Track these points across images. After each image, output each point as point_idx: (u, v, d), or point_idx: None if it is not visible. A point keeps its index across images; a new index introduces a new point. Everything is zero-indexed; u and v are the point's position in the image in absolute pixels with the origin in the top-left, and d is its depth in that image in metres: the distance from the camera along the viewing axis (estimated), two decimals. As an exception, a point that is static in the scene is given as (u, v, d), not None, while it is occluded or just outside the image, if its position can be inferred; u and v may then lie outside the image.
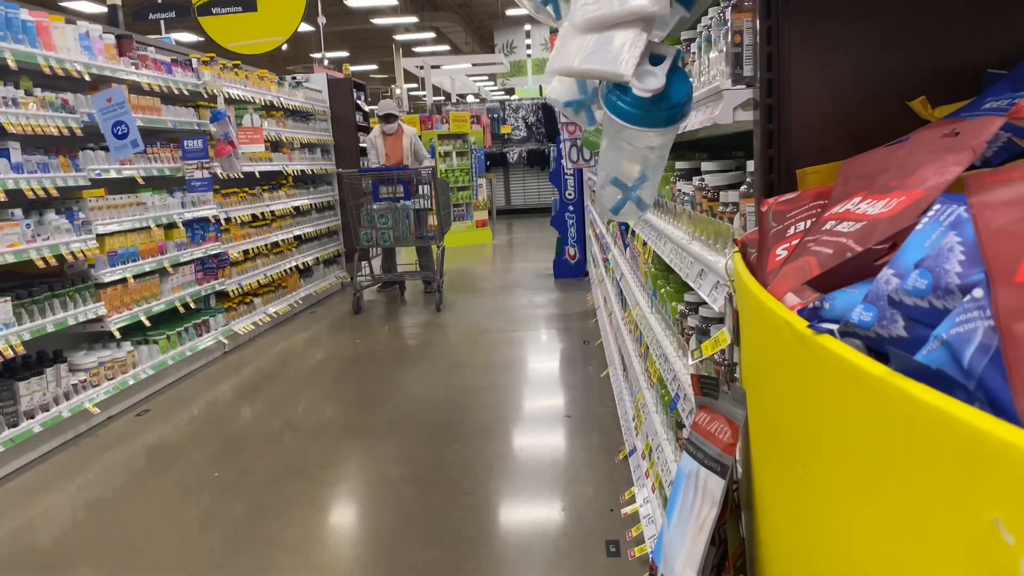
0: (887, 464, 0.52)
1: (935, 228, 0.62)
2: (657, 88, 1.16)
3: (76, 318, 4.54)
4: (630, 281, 3.39)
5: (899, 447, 0.51)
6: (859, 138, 1.16)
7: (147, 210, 5.39)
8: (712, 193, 1.60)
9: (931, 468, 0.47)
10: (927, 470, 0.48)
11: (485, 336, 6.59)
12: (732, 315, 1.14)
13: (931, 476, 0.47)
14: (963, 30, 1.17)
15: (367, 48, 27.67)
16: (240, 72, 7.07)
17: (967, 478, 0.44)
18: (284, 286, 7.74)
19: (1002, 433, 0.41)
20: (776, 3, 1.13)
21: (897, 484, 0.51)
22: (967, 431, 0.43)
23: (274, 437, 4.44)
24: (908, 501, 0.50)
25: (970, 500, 0.43)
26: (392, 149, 8.33)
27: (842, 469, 0.62)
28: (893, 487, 0.52)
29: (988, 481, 0.42)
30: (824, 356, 0.62)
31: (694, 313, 1.81)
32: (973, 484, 0.43)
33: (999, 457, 0.41)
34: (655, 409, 2.61)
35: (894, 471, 0.52)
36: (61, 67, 4.53)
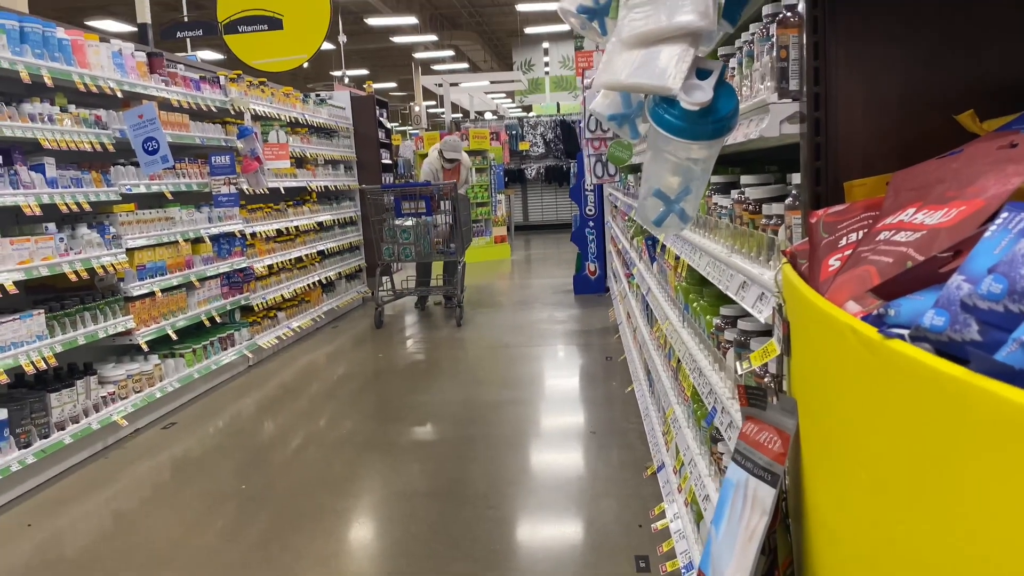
0: (969, 467, 0.53)
1: (1005, 235, 0.63)
2: (705, 101, 1.18)
3: (106, 331, 4.60)
4: (658, 296, 3.40)
5: (982, 449, 0.52)
6: (905, 151, 1.17)
7: (175, 225, 5.46)
8: (753, 206, 1.62)
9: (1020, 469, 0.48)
10: (1016, 471, 0.48)
11: (506, 351, 6.60)
12: (782, 325, 1.15)
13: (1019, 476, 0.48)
14: (1008, 44, 1.18)
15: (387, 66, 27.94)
16: (266, 89, 7.17)
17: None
18: (307, 300, 7.80)
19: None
20: (823, 19, 1.15)
21: (982, 489, 0.52)
22: (1059, 428, 0.44)
23: (298, 450, 4.47)
24: (991, 502, 0.51)
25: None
26: (449, 179, 8.69)
27: (914, 473, 0.62)
28: (973, 490, 0.53)
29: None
30: (896, 360, 0.63)
31: (731, 327, 1.82)
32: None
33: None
34: (687, 424, 2.62)
35: (977, 474, 0.53)
36: (95, 84, 4.62)
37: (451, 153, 8.68)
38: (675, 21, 1.19)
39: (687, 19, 1.19)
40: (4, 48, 3.96)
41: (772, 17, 1.44)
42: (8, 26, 4.03)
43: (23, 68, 4.04)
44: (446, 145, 8.74)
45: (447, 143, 8.76)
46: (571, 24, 1.40)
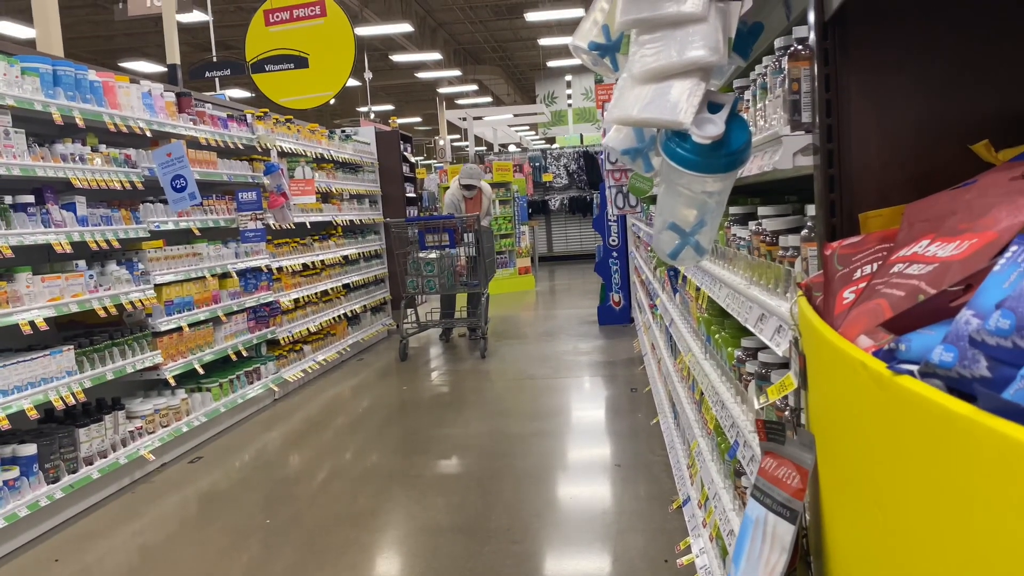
0: (976, 507, 0.52)
1: (1014, 269, 0.62)
2: (717, 135, 1.19)
3: (134, 366, 4.66)
4: (681, 327, 3.38)
5: (990, 488, 0.51)
6: (920, 182, 1.16)
7: (202, 260, 5.54)
8: (771, 237, 1.61)
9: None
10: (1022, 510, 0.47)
11: (531, 383, 6.58)
12: (798, 359, 1.14)
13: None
14: (1021, 75, 1.17)
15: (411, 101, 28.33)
16: (292, 126, 7.29)
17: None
18: (333, 334, 7.84)
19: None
20: (834, 52, 1.15)
21: (990, 528, 0.51)
22: (1065, 468, 0.43)
23: (323, 484, 4.47)
24: (999, 542, 0.50)
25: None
26: (472, 210, 8.76)
27: (925, 512, 0.61)
28: (982, 529, 0.52)
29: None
30: (905, 397, 0.62)
31: (752, 359, 1.81)
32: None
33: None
34: (711, 457, 2.58)
35: (984, 514, 0.52)
36: (125, 124, 4.73)
37: (468, 180, 8.74)
38: (686, 56, 1.20)
39: (697, 54, 1.20)
40: (38, 91, 4.07)
41: (784, 50, 1.44)
42: (42, 70, 4.15)
43: (56, 110, 4.15)
44: (464, 173, 8.84)
45: (464, 170, 8.87)
46: (583, 60, 1.42)
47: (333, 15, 8.79)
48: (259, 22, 8.91)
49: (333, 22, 8.78)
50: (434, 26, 20.05)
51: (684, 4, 1.19)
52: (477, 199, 8.84)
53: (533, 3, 17.53)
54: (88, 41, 18.04)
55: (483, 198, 8.88)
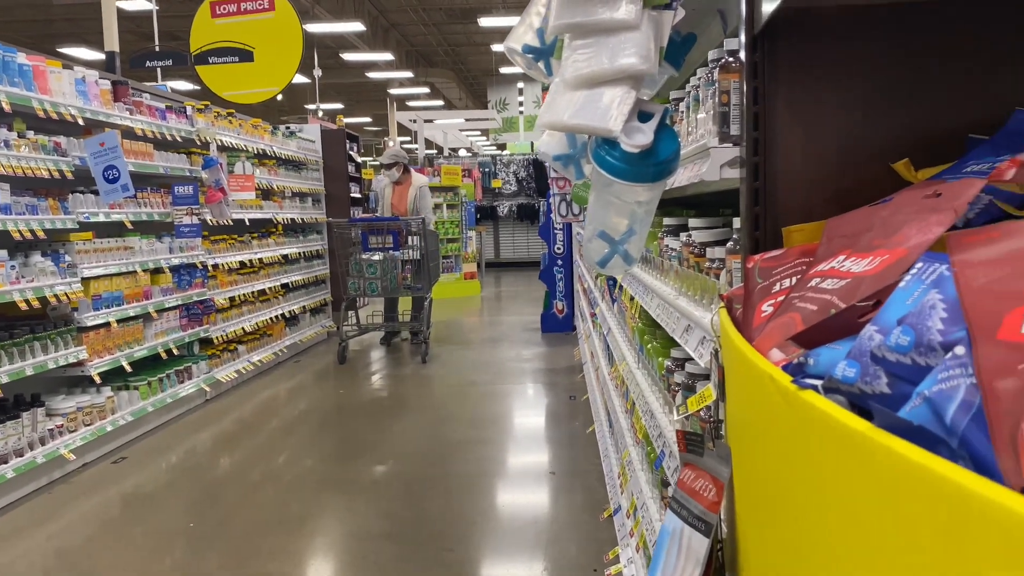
0: (872, 521, 0.52)
1: (918, 286, 0.62)
2: (645, 144, 1.18)
3: (56, 361, 4.49)
4: (617, 336, 3.39)
5: (883, 504, 0.50)
6: (844, 198, 1.17)
7: (134, 255, 5.37)
8: (699, 249, 1.62)
9: (916, 526, 0.46)
10: (912, 528, 0.47)
11: (471, 389, 6.55)
12: (718, 371, 1.14)
13: (916, 534, 0.46)
14: (946, 96, 1.19)
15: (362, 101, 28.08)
16: (234, 120, 7.13)
17: (952, 537, 0.43)
18: (269, 334, 7.69)
19: (985, 491, 0.40)
20: (763, 66, 1.15)
21: (882, 542, 0.50)
22: (950, 489, 0.43)
23: (253, 488, 4.36)
24: (894, 559, 0.49)
25: (956, 559, 0.42)
26: (399, 200, 8.20)
27: (827, 526, 0.61)
28: (878, 545, 0.51)
29: (973, 540, 0.42)
30: (808, 411, 0.62)
31: (680, 369, 1.81)
32: (958, 543, 0.43)
33: (983, 516, 0.40)
34: (641, 467, 2.59)
35: (879, 528, 0.51)
36: (55, 111, 4.56)
37: (388, 158, 8.14)
38: (617, 64, 1.19)
39: (629, 62, 1.19)
40: (-38, 72, 3.90)
41: (716, 62, 1.45)
42: (-33, 50, 3.97)
43: (-19, 93, 3.98)
44: (385, 153, 8.31)
45: (387, 151, 8.29)
46: (517, 63, 1.40)
47: (282, 10, 8.64)
48: (205, 13, 8.70)
49: (282, 17, 8.63)
50: (387, 26, 19.91)
51: (617, 11, 1.18)
52: (405, 188, 8.19)
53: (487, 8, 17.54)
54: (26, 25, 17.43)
55: (411, 188, 8.17)
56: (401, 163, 8.17)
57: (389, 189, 8.26)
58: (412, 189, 8.18)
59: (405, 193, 8.19)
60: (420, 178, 8.39)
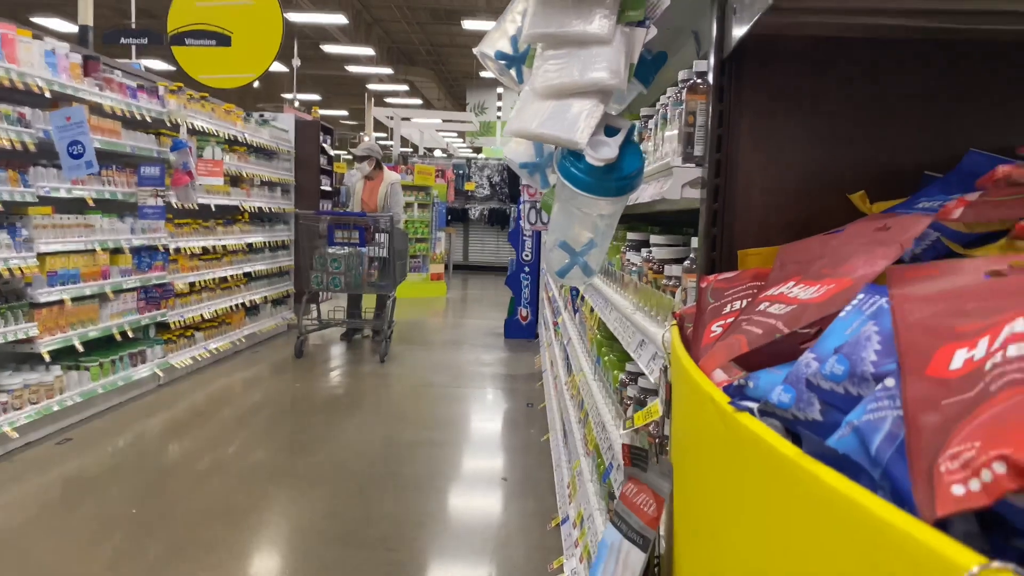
0: (795, 544, 0.52)
1: (857, 316, 0.63)
2: (610, 158, 1.19)
3: (5, 336, 4.38)
4: (577, 346, 3.40)
5: (807, 528, 0.51)
6: (800, 225, 1.19)
7: (94, 233, 5.27)
8: (658, 266, 1.63)
9: (835, 552, 0.47)
10: (831, 553, 0.48)
11: (429, 390, 6.52)
12: (666, 387, 1.15)
13: (835, 559, 0.47)
14: (905, 132, 1.22)
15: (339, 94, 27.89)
16: (207, 104, 7.04)
17: (868, 564, 0.44)
18: (228, 323, 7.59)
19: (900, 523, 0.41)
20: (729, 89, 1.17)
21: (805, 565, 0.51)
22: (867, 518, 0.43)
23: (200, 477, 4.29)
24: None
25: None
26: (370, 196, 8.10)
27: (755, 546, 0.61)
28: (801, 567, 0.52)
29: (887, 569, 0.42)
30: (742, 433, 0.62)
31: (634, 383, 1.82)
32: (873, 571, 0.43)
33: (897, 546, 0.41)
34: (590, 478, 2.60)
35: (802, 551, 0.52)
36: (22, 81, 4.47)
37: (362, 151, 8.04)
38: (587, 77, 1.20)
39: (599, 76, 1.20)
40: (-74, 34, 3.81)
41: (685, 82, 1.46)
42: (-66, 12, 3.88)
43: (-55, 57, 3.89)
44: (360, 146, 8.17)
45: (363, 144, 8.21)
46: (489, 68, 1.40)
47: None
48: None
49: (263, 4, 8.55)
50: (370, 21, 19.82)
51: (591, 24, 1.19)
52: (377, 184, 8.08)
53: (471, 11, 17.54)
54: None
55: (383, 184, 8.06)
56: (374, 158, 8.08)
57: (360, 184, 8.17)
58: (384, 185, 8.09)
59: (376, 189, 8.11)
60: (392, 175, 8.30)
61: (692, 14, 1.59)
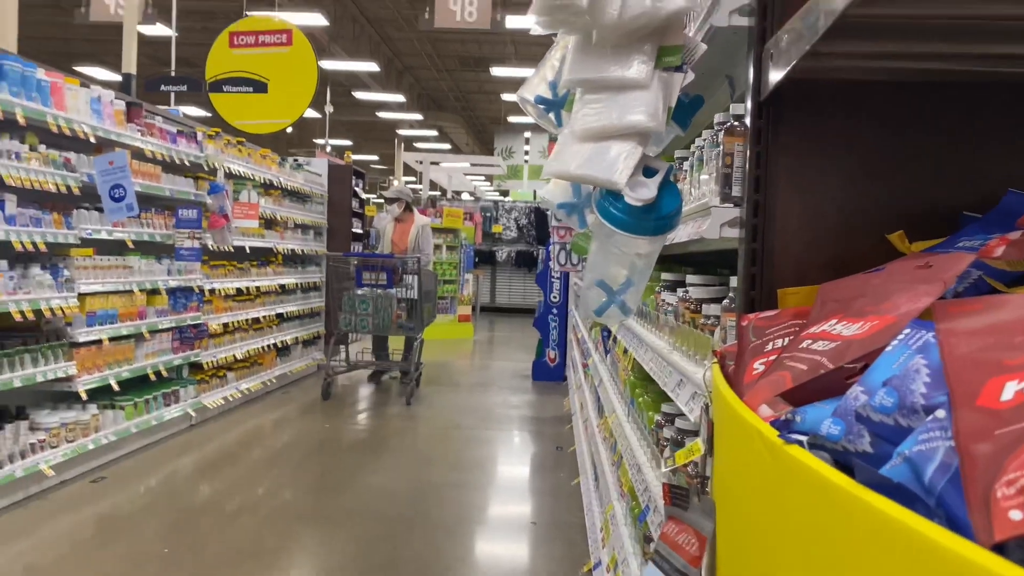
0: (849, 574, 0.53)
1: (904, 351, 0.64)
2: (648, 198, 1.21)
3: (45, 375, 4.47)
4: (608, 388, 3.40)
5: (862, 558, 0.51)
6: (838, 264, 1.20)
7: (132, 274, 5.39)
8: (695, 305, 1.65)
9: None
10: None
11: (457, 432, 6.51)
12: (707, 425, 1.15)
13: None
14: (943, 173, 1.23)
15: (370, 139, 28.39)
16: (243, 149, 7.22)
17: (924, 593, 0.45)
18: (260, 363, 7.66)
19: (959, 548, 0.42)
20: (767, 132, 1.19)
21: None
22: (927, 544, 0.44)
23: (230, 517, 4.31)
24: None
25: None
26: (400, 238, 8.21)
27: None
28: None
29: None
30: (792, 465, 0.63)
31: (670, 424, 1.82)
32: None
33: (956, 571, 0.42)
34: (624, 521, 2.58)
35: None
36: (68, 127, 4.62)
37: (391, 193, 8.21)
38: (625, 120, 1.23)
39: (637, 119, 1.23)
40: (-20, 83, 3.96)
41: (721, 125, 1.49)
42: (-12, 62, 4.04)
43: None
44: (390, 189, 8.37)
45: (392, 187, 8.42)
46: (529, 112, 1.44)
47: (299, 45, 8.81)
48: (223, 43, 8.88)
49: (298, 52, 8.79)
50: (401, 69, 20.24)
51: (629, 70, 1.23)
52: (407, 226, 8.20)
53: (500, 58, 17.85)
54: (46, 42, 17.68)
55: (413, 227, 8.19)
56: (404, 201, 8.22)
57: (391, 227, 8.29)
58: (414, 228, 8.20)
59: (407, 232, 8.22)
60: (422, 218, 8.45)
61: (726, 59, 1.63)
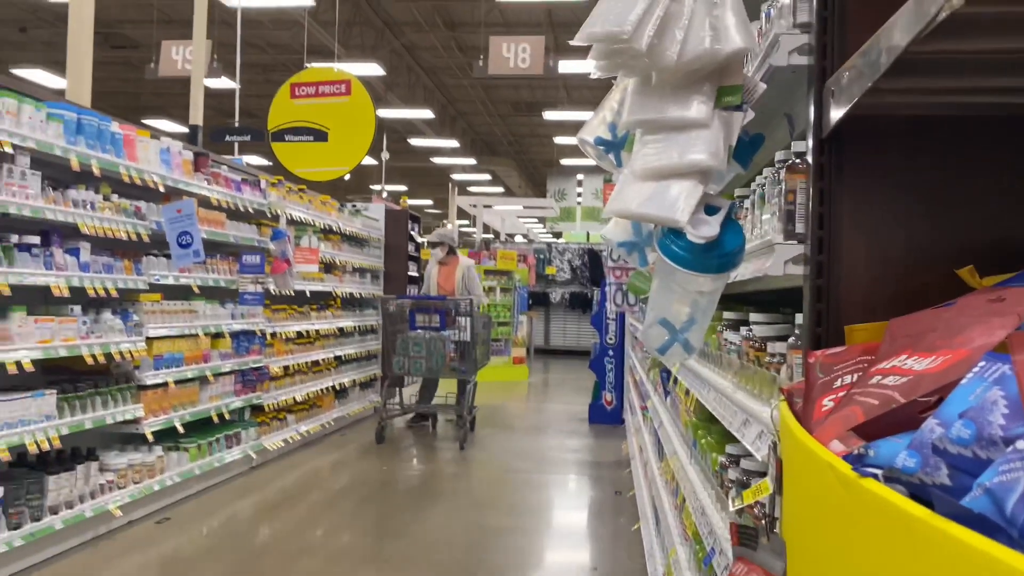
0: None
1: (980, 383, 0.64)
2: (711, 236, 1.22)
3: (114, 417, 4.60)
4: (669, 430, 3.36)
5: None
6: (906, 300, 1.18)
7: (197, 318, 5.54)
8: (759, 344, 1.63)
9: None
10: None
11: (513, 477, 6.47)
12: (775, 464, 1.14)
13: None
14: (1011, 206, 1.21)
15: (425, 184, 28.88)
16: (304, 196, 7.42)
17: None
18: (319, 405, 7.77)
19: (1048, 578, 0.42)
20: (829, 168, 1.19)
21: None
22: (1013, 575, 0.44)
23: (291, 558, 4.35)
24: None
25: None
26: (445, 280, 8.31)
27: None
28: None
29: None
30: (868, 499, 0.63)
31: (735, 465, 1.80)
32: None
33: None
34: (687, 566, 2.53)
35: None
36: (140, 177, 4.82)
37: (435, 237, 8.32)
38: (686, 159, 1.25)
39: (698, 158, 1.24)
40: (60, 137, 4.17)
41: (783, 162, 1.49)
42: (67, 117, 4.26)
43: (75, 157, 4.25)
44: (434, 233, 8.49)
45: (436, 231, 8.54)
46: (588, 153, 1.47)
47: (357, 95, 9.08)
48: (285, 94, 9.19)
49: (357, 101, 9.05)
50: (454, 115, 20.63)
51: (689, 110, 1.25)
52: (452, 269, 8.31)
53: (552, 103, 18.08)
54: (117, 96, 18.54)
55: (458, 268, 8.31)
56: (447, 244, 8.33)
57: (435, 269, 8.39)
58: (459, 270, 8.30)
59: (452, 274, 8.31)
60: (466, 260, 8.58)
61: (785, 97, 1.63)
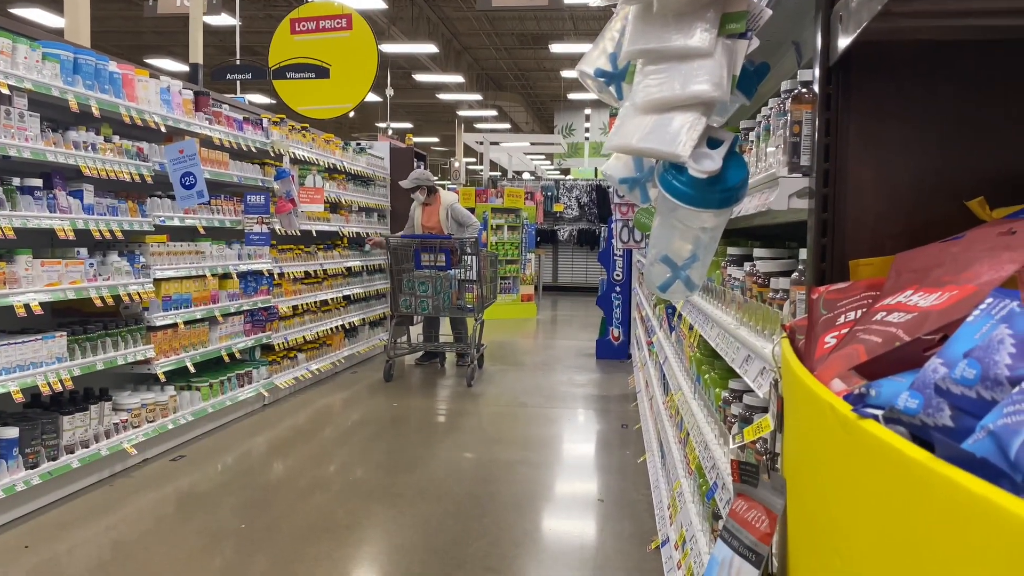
0: (930, 553, 0.51)
1: (986, 321, 0.61)
2: (713, 170, 1.18)
3: (125, 358, 4.65)
4: (674, 365, 3.36)
5: (942, 535, 0.50)
6: (914, 234, 1.15)
7: (204, 259, 5.54)
8: (763, 279, 1.61)
9: (977, 559, 0.46)
10: (973, 561, 0.46)
11: (522, 411, 6.54)
12: (777, 401, 1.13)
13: (977, 567, 0.46)
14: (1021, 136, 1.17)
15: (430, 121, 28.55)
16: (307, 135, 7.33)
17: (1013, 569, 0.43)
18: (328, 344, 7.82)
19: (1049, 525, 0.40)
20: (836, 97, 1.15)
21: (940, 571, 0.49)
22: (1013, 521, 0.42)
23: (303, 493, 4.43)
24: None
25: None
26: (428, 219, 8.15)
27: (883, 557, 0.60)
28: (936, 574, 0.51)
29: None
30: (867, 440, 0.61)
31: (738, 400, 1.79)
32: None
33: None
34: (692, 498, 2.56)
35: (938, 560, 0.50)
36: (140, 117, 4.76)
37: (410, 182, 8.00)
38: (688, 90, 1.20)
39: (700, 88, 1.20)
40: (57, 77, 4.11)
41: (788, 92, 1.44)
42: (63, 57, 4.19)
43: (72, 98, 4.19)
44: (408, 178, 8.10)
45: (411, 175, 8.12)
46: (588, 86, 1.42)
47: (359, 29, 8.89)
48: (285, 30, 9.01)
49: (358, 36, 8.87)
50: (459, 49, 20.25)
51: (691, 38, 1.20)
52: (435, 208, 8.12)
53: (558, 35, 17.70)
54: (117, 35, 18.25)
55: (441, 207, 8.08)
56: (424, 186, 8.04)
57: (419, 210, 8.17)
58: (442, 209, 8.08)
59: (434, 213, 8.09)
60: (449, 196, 8.24)
61: (792, 25, 1.57)
